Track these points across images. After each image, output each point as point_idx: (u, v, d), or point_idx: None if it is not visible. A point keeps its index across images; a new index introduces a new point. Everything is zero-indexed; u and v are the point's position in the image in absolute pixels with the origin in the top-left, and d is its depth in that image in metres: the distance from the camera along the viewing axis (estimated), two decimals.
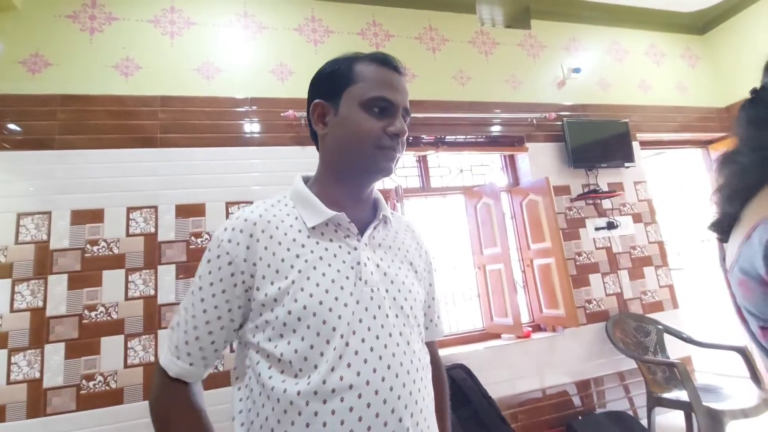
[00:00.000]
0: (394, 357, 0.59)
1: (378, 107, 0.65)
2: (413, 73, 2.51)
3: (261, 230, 0.63)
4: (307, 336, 0.57)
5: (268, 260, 0.61)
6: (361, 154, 0.66)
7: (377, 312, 0.61)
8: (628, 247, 2.67)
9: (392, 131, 0.65)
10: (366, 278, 0.63)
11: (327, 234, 0.65)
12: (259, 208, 0.67)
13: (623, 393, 2.44)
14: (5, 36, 1.95)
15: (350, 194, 0.69)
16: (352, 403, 0.55)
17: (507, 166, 2.76)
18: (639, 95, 3.03)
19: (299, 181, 0.72)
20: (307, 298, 0.58)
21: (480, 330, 2.46)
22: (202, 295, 0.62)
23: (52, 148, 1.88)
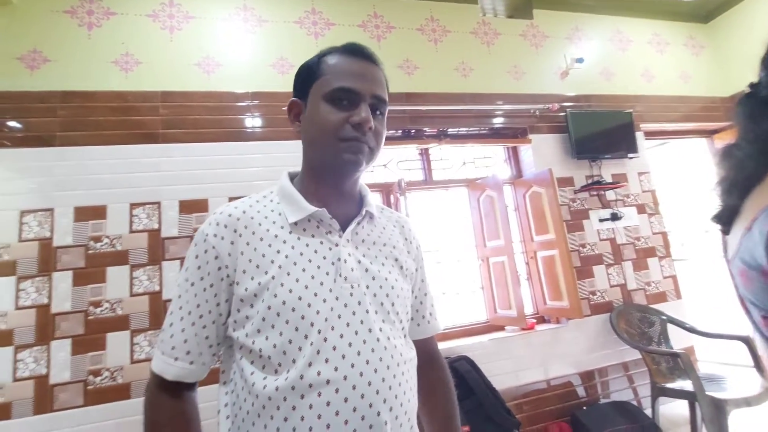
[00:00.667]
0: (372, 352, 0.59)
1: (341, 98, 0.64)
2: (415, 65, 2.49)
3: (244, 226, 0.64)
4: (285, 331, 0.57)
5: (249, 255, 0.62)
6: (326, 148, 0.65)
7: (357, 308, 0.61)
8: (632, 238, 2.66)
9: (354, 121, 0.63)
10: (346, 274, 0.63)
11: (309, 230, 0.65)
12: (243, 203, 0.68)
13: (627, 383, 2.44)
14: (1, 32, 1.93)
15: (330, 190, 0.69)
16: (329, 398, 0.55)
17: (510, 158, 2.74)
18: (643, 85, 3.01)
19: (285, 177, 0.72)
20: (286, 293, 0.59)
21: (484, 322, 2.46)
22: (195, 291, 0.62)
23: (53, 144, 1.87)
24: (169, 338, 0.62)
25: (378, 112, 0.67)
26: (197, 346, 0.62)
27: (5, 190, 1.78)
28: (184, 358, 0.61)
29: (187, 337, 0.61)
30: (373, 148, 0.66)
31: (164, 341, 0.62)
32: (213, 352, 0.65)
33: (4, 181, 1.78)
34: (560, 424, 2.18)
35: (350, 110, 0.63)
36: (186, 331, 0.62)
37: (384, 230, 0.74)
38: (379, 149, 0.68)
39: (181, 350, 0.61)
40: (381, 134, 0.67)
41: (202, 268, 0.62)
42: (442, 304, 2.51)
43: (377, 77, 0.67)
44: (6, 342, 1.67)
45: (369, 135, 0.64)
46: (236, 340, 0.61)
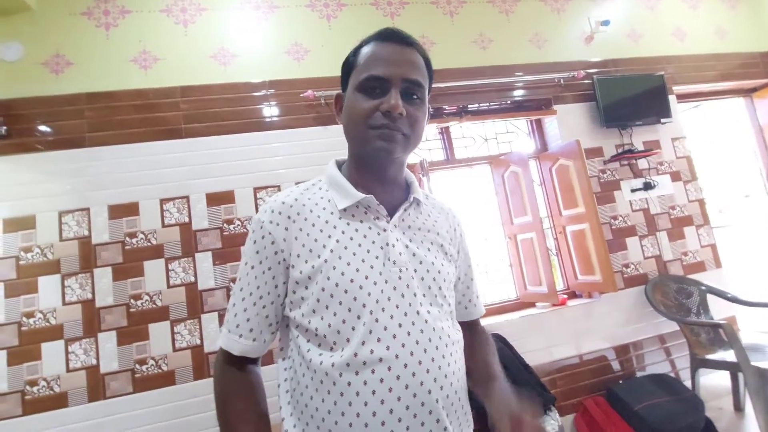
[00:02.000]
0: (422, 333, 0.61)
1: (372, 87, 0.65)
2: (431, 40, 2.42)
3: (297, 212, 0.67)
4: (339, 312, 0.61)
5: (303, 240, 0.65)
6: (358, 137, 0.67)
7: (405, 291, 0.63)
8: (667, 208, 2.55)
9: (384, 108, 0.63)
10: (394, 258, 0.65)
11: (357, 216, 0.68)
12: (294, 192, 0.70)
13: (664, 356, 2.39)
14: (24, 38, 1.98)
15: (374, 177, 0.70)
16: (382, 375, 0.58)
17: (534, 131, 2.65)
18: (674, 44, 2.83)
19: (332, 165, 0.74)
20: (338, 276, 0.61)
21: (514, 300, 2.44)
22: (255, 273, 0.66)
23: (83, 146, 1.92)
24: (234, 317, 0.66)
25: (415, 96, 0.66)
26: (258, 325, 0.66)
27: (43, 192, 1.85)
28: (247, 335, 0.66)
29: (249, 317, 0.66)
30: (407, 134, 0.66)
31: (229, 321, 0.67)
32: (272, 330, 0.69)
33: (41, 184, 1.85)
34: (596, 398, 2.16)
35: (381, 98, 0.64)
36: (248, 311, 0.66)
37: (429, 217, 0.76)
38: (417, 135, 0.68)
39: (245, 328, 0.66)
40: (417, 119, 0.66)
41: (260, 252, 0.66)
42: None
43: (410, 60, 0.66)
44: (57, 336, 1.76)
45: (402, 121, 0.64)
46: (293, 320, 0.65)
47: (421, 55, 0.69)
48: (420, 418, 0.58)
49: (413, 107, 0.66)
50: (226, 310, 0.69)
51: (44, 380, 1.72)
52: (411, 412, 0.58)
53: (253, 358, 0.68)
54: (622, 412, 2.00)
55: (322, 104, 2.15)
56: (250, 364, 0.69)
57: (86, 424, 1.70)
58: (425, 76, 0.69)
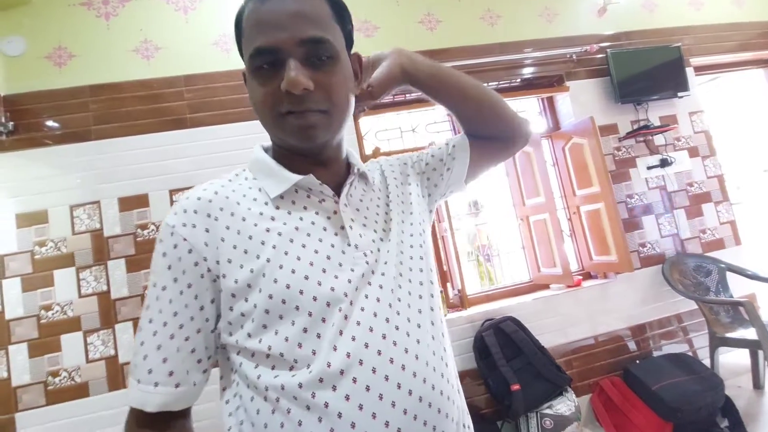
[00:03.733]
0: (399, 315, 0.52)
1: (262, 65, 0.51)
2: (437, 18, 2.34)
3: (219, 208, 0.53)
4: (297, 319, 0.48)
5: (233, 240, 0.51)
6: (271, 129, 0.55)
7: (372, 276, 0.54)
8: (684, 185, 2.48)
9: (283, 87, 0.49)
10: (355, 242, 0.55)
11: (299, 202, 0.56)
12: (212, 185, 0.56)
13: (681, 335, 2.35)
14: (26, 32, 1.95)
15: (307, 161, 0.58)
16: (366, 381, 0.46)
17: (545, 109, 2.58)
18: (690, 14, 2.71)
19: (258, 149, 0.61)
20: (288, 275, 0.49)
21: (527, 282, 2.41)
22: (169, 296, 0.50)
23: (89, 139, 1.92)
24: (143, 361, 0.50)
25: (324, 57, 0.51)
26: (182, 364, 0.50)
27: (54, 187, 1.85)
28: (166, 381, 0.49)
29: (166, 355, 0.49)
30: (326, 109, 0.52)
31: (137, 366, 0.50)
32: (203, 368, 0.53)
33: (52, 178, 1.86)
34: (612, 378, 2.15)
35: (279, 75, 0.50)
36: (164, 347, 0.49)
37: (375, 185, 0.66)
38: (339, 105, 0.53)
39: (161, 372, 0.49)
40: (333, 86, 0.52)
41: (174, 267, 0.51)
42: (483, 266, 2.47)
43: (301, 12, 0.50)
44: (76, 328, 1.79)
45: (313, 97, 0.50)
46: (234, 345, 0.51)
47: (318, 2, 0.53)
48: (423, 417, 0.47)
49: (323, 72, 0.51)
50: (133, 351, 0.51)
51: (65, 371, 1.75)
52: (411, 414, 0.46)
53: (178, 411, 0.52)
54: (639, 392, 1.98)
55: None
56: (177, 419, 0.52)
57: (108, 413, 1.74)
58: (329, 24, 0.53)
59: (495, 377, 1.91)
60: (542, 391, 1.87)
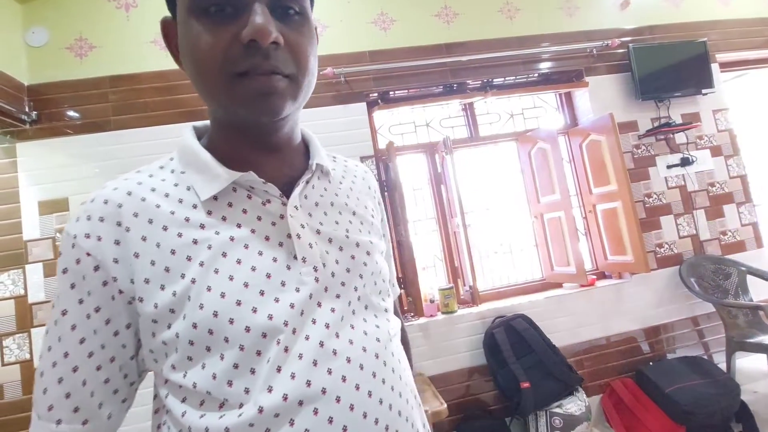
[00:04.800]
0: (352, 344, 0.44)
1: (213, 6, 0.40)
2: (454, 12, 2.31)
3: (132, 213, 0.43)
4: (227, 353, 0.40)
5: (151, 255, 0.42)
6: (216, 93, 0.42)
7: (324, 296, 0.45)
8: (706, 185, 2.41)
9: (245, 36, 0.38)
10: (303, 254, 0.45)
11: (237, 204, 0.45)
12: (126, 182, 0.45)
13: (697, 338, 2.31)
14: (49, 23, 1.99)
15: (254, 146, 0.48)
16: (306, 425, 0.39)
17: (563, 105, 2.53)
18: (718, 8, 2.61)
19: (189, 134, 0.50)
20: (217, 300, 0.40)
21: (540, 280, 2.39)
22: (72, 321, 0.41)
23: (108, 129, 1.95)
24: (42, 395, 0.41)
25: (291, 11, 0.42)
26: (90, 398, 0.42)
27: (75, 175, 1.90)
28: (71, 418, 0.41)
29: (69, 390, 0.41)
30: (293, 74, 0.42)
31: (37, 400, 0.42)
32: (123, 397, 0.45)
33: (72, 167, 1.90)
34: (624, 379, 2.12)
35: (235, 22, 0.40)
36: (66, 380, 0.41)
37: (342, 185, 0.56)
38: (308, 72, 0.44)
39: (63, 408, 0.41)
40: (301, 46, 0.43)
41: (77, 286, 0.42)
42: (496, 264, 2.46)
43: None
44: None
45: (279, 54, 0.41)
46: (160, 374, 0.44)
47: None
48: None
49: (292, 29, 0.42)
50: (35, 387, 0.43)
51: None
52: None
53: None
54: (652, 394, 1.96)
55: (342, 82, 2.10)
56: None
57: None
58: None
59: (504, 374, 1.91)
60: (552, 389, 1.86)
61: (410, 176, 2.37)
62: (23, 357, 1.77)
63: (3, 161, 1.86)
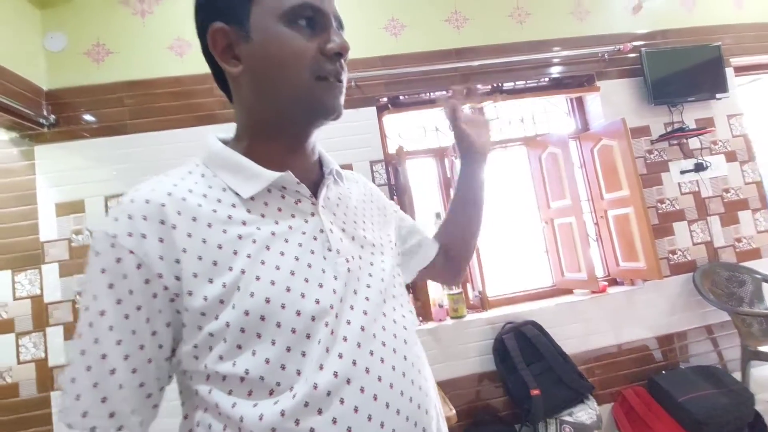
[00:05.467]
0: (385, 330, 0.48)
1: (305, 19, 0.48)
2: (464, 17, 2.31)
3: (176, 212, 0.45)
4: (279, 338, 0.43)
5: (198, 251, 0.44)
6: (296, 90, 0.48)
7: (357, 284, 0.50)
8: (720, 190, 2.38)
9: (332, 49, 0.48)
10: (337, 246, 0.50)
11: (272, 203, 0.50)
12: (161, 184, 0.47)
13: (711, 347, 2.27)
14: (67, 28, 2.04)
15: (290, 148, 0.53)
16: (355, 402, 0.42)
17: (574, 110, 2.52)
18: (732, 12, 2.58)
19: (215, 141, 0.54)
20: (267, 287, 0.44)
21: (550, 286, 2.37)
22: (109, 322, 0.42)
23: (125, 133, 1.99)
24: (75, 401, 0.41)
25: (342, 31, 0.54)
26: (126, 402, 0.42)
27: (91, 178, 1.93)
28: (106, 424, 0.41)
29: (105, 394, 0.41)
30: (344, 89, 0.52)
31: (69, 408, 0.41)
32: (154, 402, 0.46)
33: (88, 170, 1.94)
34: (636, 388, 2.09)
35: (318, 35, 0.49)
36: (101, 385, 0.41)
37: (350, 190, 0.64)
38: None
39: (99, 414, 0.41)
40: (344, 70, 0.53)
41: (116, 286, 0.42)
42: (505, 269, 2.45)
43: None
44: None
45: (344, 69, 0.51)
46: (202, 371, 0.44)
47: None
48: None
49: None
50: (61, 390, 0.43)
51: None
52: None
53: None
54: (664, 404, 1.93)
55: (353, 86, 2.12)
56: None
57: None
58: None
59: (514, 380, 1.89)
60: (563, 397, 1.84)
61: (420, 180, 2.38)
62: (38, 356, 1.80)
63: (22, 164, 1.91)
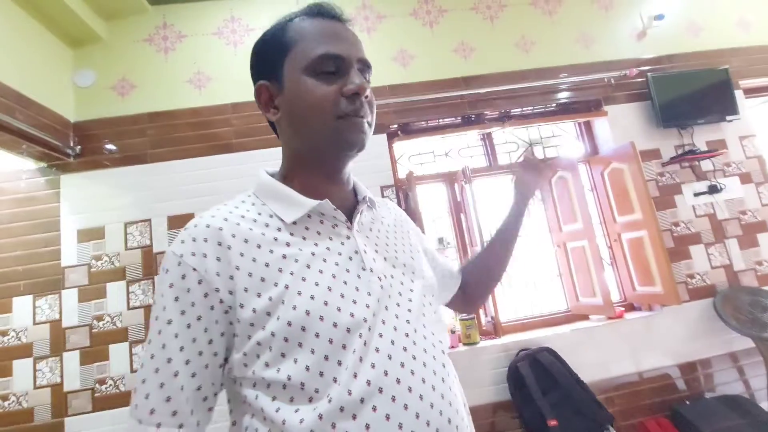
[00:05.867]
0: (415, 345, 0.52)
1: (326, 68, 0.55)
2: (470, 47, 2.39)
3: (231, 235, 0.52)
4: (318, 347, 0.48)
5: (249, 268, 0.51)
6: (321, 131, 0.56)
7: (388, 301, 0.54)
8: (737, 213, 2.33)
9: (350, 90, 0.54)
10: (370, 266, 0.56)
11: (312, 227, 0.57)
12: (219, 211, 0.56)
13: (737, 375, 2.17)
14: (96, 66, 2.17)
15: (326, 180, 0.61)
16: (386, 410, 0.46)
17: (583, 134, 2.54)
18: (738, 35, 2.61)
19: (264, 174, 0.62)
20: (308, 301, 0.49)
21: (564, 311, 2.32)
22: (175, 330, 0.49)
23: (145, 162, 2.07)
24: (145, 399, 0.48)
25: (368, 78, 0.60)
26: (186, 404, 0.48)
27: (112, 206, 2.01)
28: (169, 422, 0.47)
29: (170, 394, 0.47)
30: (371, 122, 0.59)
31: (139, 406, 0.48)
32: (209, 405, 0.51)
33: (110, 198, 2.02)
34: (658, 419, 2.00)
35: (339, 80, 0.56)
36: (167, 386, 0.47)
37: (383, 216, 0.70)
38: (374, 122, 0.60)
39: (164, 413, 0.47)
40: (373, 105, 0.59)
41: (181, 299, 0.49)
42: (518, 294, 2.41)
43: (356, 38, 0.60)
44: (123, 338, 1.89)
45: (366, 107, 0.57)
46: (250, 377, 0.49)
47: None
48: None
49: (370, 90, 0.58)
50: (133, 389, 0.49)
51: (112, 379, 1.85)
52: None
53: None
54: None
55: None
56: None
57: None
58: None
59: (531, 411, 1.84)
60: (582, 428, 1.77)
61: (430, 205, 2.40)
62: (54, 381, 1.82)
63: (47, 192, 2.00)
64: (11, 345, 1.84)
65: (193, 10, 2.28)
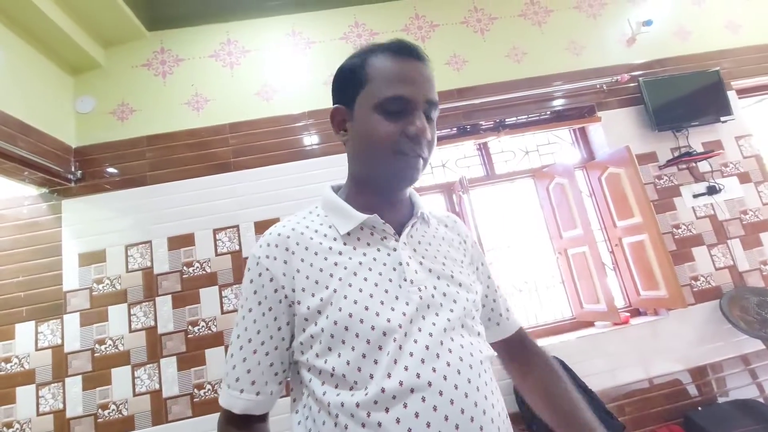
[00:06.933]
0: (450, 353, 0.55)
1: (393, 108, 0.60)
2: (463, 59, 2.43)
3: (295, 243, 0.62)
4: (357, 345, 0.55)
5: (306, 272, 0.60)
6: (380, 163, 0.62)
7: (426, 311, 0.59)
8: (738, 213, 2.32)
9: (411, 132, 0.59)
10: (411, 278, 0.60)
11: (363, 239, 0.64)
12: (290, 222, 0.66)
13: (749, 379, 2.12)
14: (96, 92, 2.22)
15: (381, 199, 0.66)
16: (416, 408, 0.51)
17: (578, 140, 2.55)
18: (728, 38, 2.64)
19: (329, 190, 0.71)
20: (351, 305, 0.56)
21: (569, 319, 2.30)
22: (254, 317, 0.61)
23: (145, 184, 2.09)
24: (232, 370, 0.60)
25: (433, 116, 0.64)
26: (262, 376, 0.60)
27: (113, 228, 2.02)
28: (249, 389, 0.59)
29: (250, 367, 0.60)
30: (426, 158, 0.63)
31: (228, 374, 0.61)
32: (279, 380, 0.62)
33: (110, 221, 2.03)
34: (671, 426, 1.96)
35: (403, 119, 0.60)
36: (248, 360, 0.60)
37: (438, 231, 0.74)
38: (431, 157, 0.65)
39: (245, 381, 0.60)
40: (434, 142, 0.64)
41: (258, 292, 0.61)
42: (521, 302, 2.39)
43: (429, 78, 0.63)
44: (125, 362, 1.88)
45: (424, 145, 0.61)
46: (305, 363, 0.59)
47: (432, 71, 0.65)
48: None
49: (431, 129, 0.63)
50: (225, 360, 0.63)
51: (114, 404, 1.83)
52: None
53: (258, 415, 0.62)
54: None
55: None
56: (257, 422, 0.62)
57: None
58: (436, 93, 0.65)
59: (540, 423, 1.80)
60: None
61: None
62: (57, 407, 1.81)
63: (49, 217, 2.02)
64: (14, 372, 1.84)
65: (190, 34, 2.34)
